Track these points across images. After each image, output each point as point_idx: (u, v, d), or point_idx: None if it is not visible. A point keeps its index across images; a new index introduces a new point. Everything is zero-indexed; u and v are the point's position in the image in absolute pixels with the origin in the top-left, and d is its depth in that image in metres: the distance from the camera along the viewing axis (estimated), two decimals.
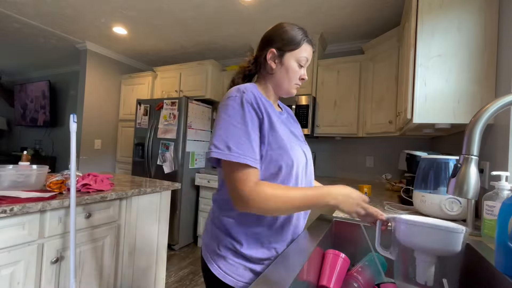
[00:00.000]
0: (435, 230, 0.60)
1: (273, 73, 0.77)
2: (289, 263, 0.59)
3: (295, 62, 0.76)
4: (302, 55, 0.76)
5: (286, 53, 0.75)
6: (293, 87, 0.79)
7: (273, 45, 0.76)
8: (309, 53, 0.77)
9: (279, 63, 0.76)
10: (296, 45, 0.75)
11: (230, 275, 0.68)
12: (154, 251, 1.67)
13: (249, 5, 2.18)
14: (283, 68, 0.76)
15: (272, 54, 0.76)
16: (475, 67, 1.17)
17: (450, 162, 1.08)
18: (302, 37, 0.75)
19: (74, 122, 1.15)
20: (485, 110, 0.57)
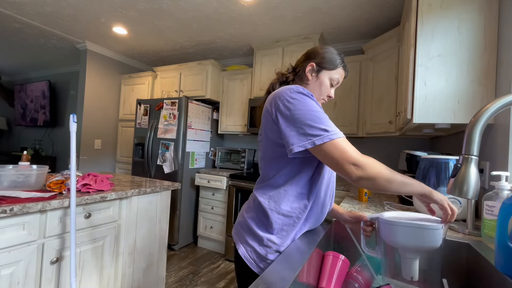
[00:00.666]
0: (414, 229, 0.61)
1: (308, 83, 0.86)
2: (288, 264, 0.59)
3: (328, 80, 0.86)
4: (335, 76, 0.86)
5: (323, 70, 0.85)
6: (320, 101, 0.87)
7: (314, 60, 0.86)
8: (341, 76, 0.87)
9: (315, 77, 0.86)
10: (333, 66, 0.85)
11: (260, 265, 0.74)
12: (154, 251, 1.67)
13: (249, 5, 2.18)
14: (317, 82, 0.86)
15: (311, 67, 0.85)
16: (475, 67, 1.17)
17: (450, 162, 1.08)
18: (340, 62, 0.86)
19: (74, 122, 1.15)
20: (485, 110, 0.57)
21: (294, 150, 0.66)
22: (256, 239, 0.77)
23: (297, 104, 0.69)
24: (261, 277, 0.52)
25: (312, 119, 0.66)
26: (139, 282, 1.57)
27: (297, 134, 0.67)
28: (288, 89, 0.73)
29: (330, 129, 0.65)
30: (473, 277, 0.74)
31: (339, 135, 0.65)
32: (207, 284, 2.11)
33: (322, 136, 0.64)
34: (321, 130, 0.65)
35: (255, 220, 0.79)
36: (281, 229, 0.76)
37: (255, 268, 0.75)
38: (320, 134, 0.64)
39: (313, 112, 0.67)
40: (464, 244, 0.80)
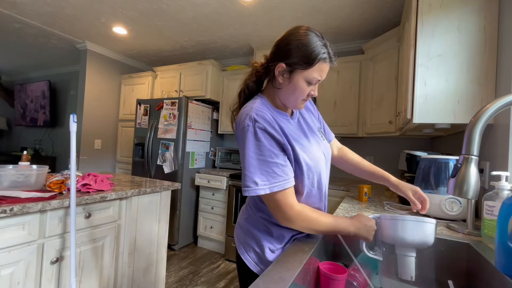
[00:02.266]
0: (412, 223, 0.67)
1: (280, 87, 0.73)
2: (288, 264, 0.59)
3: (304, 81, 0.70)
4: (313, 76, 0.69)
5: (295, 70, 0.69)
6: (300, 103, 0.75)
7: (284, 60, 0.69)
8: (323, 72, 0.70)
9: (287, 79, 0.71)
10: (309, 65, 0.67)
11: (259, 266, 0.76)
12: (154, 251, 1.67)
13: (249, 5, 2.18)
14: (290, 85, 0.71)
15: (280, 69, 0.70)
16: (475, 67, 1.17)
17: (450, 162, 1.08)
18: (318, 55, 0.67)
19: (74, 122, 1.15)
20: (485, 110, 0.57)
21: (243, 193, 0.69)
22: (255, 240, 0.77)
23: (245, 146, 0.68)
24: (261, 277, 0.52)
25: (248, 167, 0.67)
26: (139, 282, 1.57)
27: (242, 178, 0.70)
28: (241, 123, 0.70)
29: (260, 183, 0.66)
30: (473, 277, 0.74)
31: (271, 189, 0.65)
32: (207, 284, 2.11)
33: (250, 188, 0.66)
34: (252, 182, 0.66)
35: (254, 222, 0.79)
36: (278, 230, 0.76)
37: (255, 268, 0.75)
38: (250, 186, 0.66)
39: (252, 158, 0.67)
40: (464, 244, 0.80)
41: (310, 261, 0.64)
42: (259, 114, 0.68)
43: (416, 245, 0.67)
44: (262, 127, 0.67)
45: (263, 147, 0.67)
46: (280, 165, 0.67)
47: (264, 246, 0.75)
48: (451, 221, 1.04)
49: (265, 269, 0.73)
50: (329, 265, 0.70)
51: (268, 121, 0.68)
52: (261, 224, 0.78)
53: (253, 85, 0.79)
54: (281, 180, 0.67)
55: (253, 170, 0.66)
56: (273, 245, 0.75)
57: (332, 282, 0.65)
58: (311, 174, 0.75)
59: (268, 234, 0.77)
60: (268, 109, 0.73)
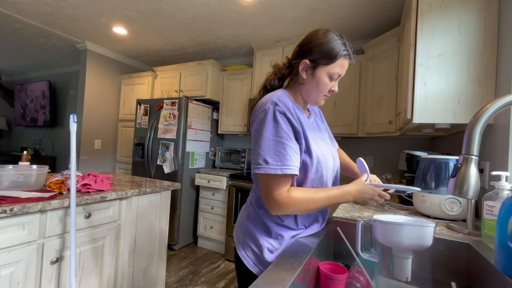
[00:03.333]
0: (409, 227, 0.65)
1: (304, 83, 0.78)
2: (287, 265, 0.59)
3: (327, 76, 0.75)
4: (335, 70, 0.74)
5: (319, 66, 0.74)
6: (322, 98, 0.80)
7: (308, 56, 0.75)
8: (344, 68, 0.76)
9: (310, 75, 0.76)
10: (331, 60, 0.73)
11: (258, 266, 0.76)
12: (154, 251, 1.67)
13: (249, 5, 2.18)
14: (313, 80, 0.76)
15: (304, 65, 0.76)
16: (475, 67, 1.17)
17: (450, 162, 1.08)
18: (339, 51, 0.73)
19: (74, 122, 1.15)
20: (485, 110, 0.57)
21: (251, 172, 0.71)
22: (254, 240, 0.77)
23: (263, 126, 0.70)
24: (261, 277, 0.52)
25: (262, 148, 0.68)
26: (139, 282, 1.57)
27: (253, 157, 0.71)
28: (262, 106, 0.73)
29: (274, 162, 0.67)
30: (473, 277, 0.74)
31: (277, 171, 0.66)
32: (207, 284, 2.11)
33: (260, 167, 0.67)
34: (263, 161, 0.67)
35: (254, 220, 0.79)
36: (277, 230, 0.76)
37: (254, 269, 0.75)
38: (261, 164, 0.68)
39: (268, 139, 0.68)
40: (464, 244, 0.80)
41: (310, 261, 0.64)
42: (280, 100, 0.72)
43: (413, 248, 0.66)
44: (282, 111, 0.70)
45: (280, 129, 0.69)
46: (294, 151, 0.70)
47: (263, 246, 0.75)
48: (451, 221, 1.04)
49: (263, 269, 0.73)
50: (329, 265, 0.70)
51: (288, 108, 0.72)
52: (261, 223, 0.78)
53: (275, 82, 0.83)
54: (292, 164, 0.68)
55: (267, 150, 0.68)
56: (271, 246, 0.75)
57: (332, 282, 0.65)
58: (319, 168, 0.76)
59: (267, 234, 0.77)
60: (289, 100, 0.76)
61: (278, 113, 0.69)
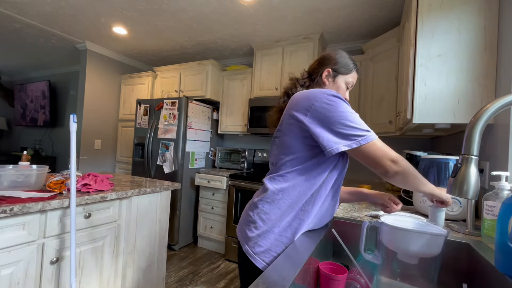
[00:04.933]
0: (419, 234, 0.62)
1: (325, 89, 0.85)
2: (289, 263, 0.59)
3: (344, 84, 0.89)
4: (350, 80, 0.90)
5: (339, 74, 0.88)
6: None
7: (330, 66, 0.88)
8: (355, 79, 0.91)
9: (331, 81, 0.89)
10: (348, 70, 0.89)
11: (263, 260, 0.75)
12: (154, 251, 1.67)
13: (249, 5, 2.18)
14: (334, 86, 0.89)
15: (327, 73, 0.88)
16: (475, 67, 1.17)
17: (450, 162, 1.08)
18: (354, 66, 0.90)
19: (74, 122, 1.15)
20: (485, 110, 0.57)
21: (339, 149, 0.69)
22: (263, 237, 0.77)
23: (337, 106, 0.71)
24: (260, 277, 0.52)
25: (353, 121, 0.70)
26: (139, 282, 1.57)
27: (338, 135, 0.70)
28: (323, 92, 0.74)
29: (371, 131, 0.70)
30: (473, 277, 0.74)
31: (374, 135, 0.70)
32: (207, 284, 2.11)
33: (366, 136, 0.69)
34: (364, 131, 0.69)
35: (262, 219, 0.79)
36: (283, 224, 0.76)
37: (260, 264, 0.75)
38: (364, 134, 0.69)
39: (353, 114, 0.71)
40: (464, 244, 0.80)
41: (310, 261, 0.64)
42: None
43: (421, 255, 0.62)
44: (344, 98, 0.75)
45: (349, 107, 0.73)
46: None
47: (274, 242, 0.75)
48: (451, 221, 1.04)
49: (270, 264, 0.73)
50: (329, 265, 0.70)
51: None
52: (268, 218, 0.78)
53: (297, 89, 0.90)
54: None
55: (359, 122, 0.70)
56: (282, 242, 0.75)
57: (332, 282, 0.65)
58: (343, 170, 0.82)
59: (272, 229, 0.76)
60: None
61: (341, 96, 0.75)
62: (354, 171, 2.73)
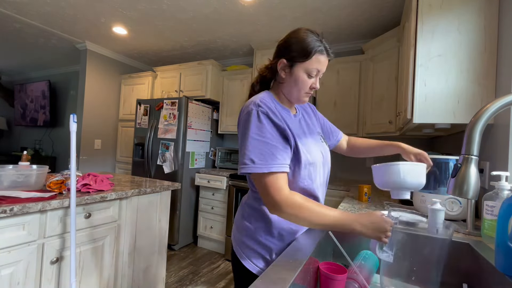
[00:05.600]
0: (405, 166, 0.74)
1: (283, 82, 0.80)
2: (288, 265, 0.59)
3: (305, 73, 0.76)
4: (312, 67, 0.75)
5: (295, 63, 0.76)
6: (303, 95, 0.80)
7: (284, 56, 0.77)
8: (321, 63, 0.76)
9: (288, 73, 0.78)
10: (306, 57, 0.74)
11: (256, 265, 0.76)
12: (154, 251, 1.67)
13: (249, 5, 2.18)
14: (292, 79, 0.77)
15: (282, 64, 0.78)
16: (475, 67, 1.17)
17: (450, 162, 1.08)
18: (314, 48, 0.73)
19: (74, 122, 1.15)
20: (485, 110, 0.57)
21: (238, 172, 0.70)
22: (254, 239, 0.77)
23: (245, 127, 0.71)
24: (260, 277, 0.52)
25: (247, 146, 0.69)
26: (139, 282, 1.57)
27: (240, 157, 0.71)
28: (246, 108, 0.74)
29: (257, 161, 0.67)
30: (473, 277, 0.74)
31: (264, 169, 0.66)
32: (207, 284, 2.11)
33: (247, 166, 0.67)
34: (249, 160, 0.67)
35: (252, 221, 0.79)
36: (280, 229, 0.76)
37: (254, 269, 0.75)
38: (247, 164, 0.68)
39: (252, 138, 0.69)
40: (464, 244, 0.80)
41: (310, 261, 0.64)
42: (263, 101, 0.74)
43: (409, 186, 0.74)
44: (264, 111, 0.71)
45: (264, 129, 0.70)
46: (279, 149, 0.70)
47: (264, 245, 0.75)
48: (451, 221, 1.04)
49: (264, 269, 0.73)
50: (329, 265, 0.70)
51: (270, 108, 0.73)
52: (262, 221, 0.78)
53: (258, 85, 0.85)
54: (278, 162, 0.68)
55: (252, 149, 0.68)
56: (273, 244, 0.75)
57: (332, 282, 0.65)
58: (308, 166, 0.77)
59: (269, 233, 0.76)
60: (272, 101, 0.78)
61: (262, 114, 0.71)
62: (354, 172, 2.73)
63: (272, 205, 0.67)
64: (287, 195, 0.67)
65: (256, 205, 0.79)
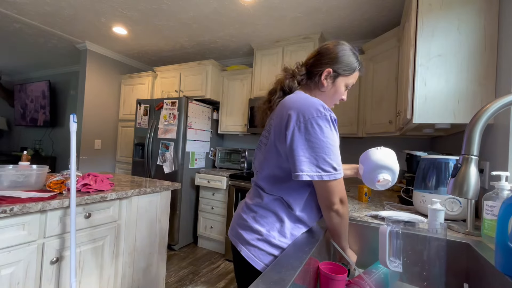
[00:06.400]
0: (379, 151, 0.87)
1: (323, 91, 0.82)
2: (288, 264, 0.59)
3: (344, 86, 0.82)
4: (351, 81, 0.82)
5: (340, 76, 0.80)
6: (332, 105, 0.85)
7: (331, 66, 0.80)
8: (356, 79, 0.84)
9: (331, 83, 0.81)
10: (351, 71, 0.80)
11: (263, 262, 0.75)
12: (154, 251, 1.67)
13: (249, 5, 2.18)
14: (333, 89, 0.82)
15: (327, 74, 0.80)
16: (475, 67, 1.17)
17: (450, 162, 1.08)
18: (357, 65, 0.81)
19: (74, 122, 1.15)
20: (485, 110, 0.57)
21: (301, 177, 0.68)
22: (263, 241, 0.76)
23: (321, 132, 0.68)
24: (260, 277, 0.52)
25: (327, 153, 0.68)
26: (139, 282, 1.57)
27: (308, 162, 0.68)
28: (316, 110, 0.69)
29: (339, 168, 0.69)
30: (473, 277, 0.74)
31: (342, 174, 0.70)
32: (207, 284, 2.11)
33: (330, 173, 0.68)
34: (332, 168, 0.68)
35: (260, 223, 0.78)
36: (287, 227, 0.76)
37: (259, 266, 0.74)
38: (330, 171, 0.68)
39: (331, 146, 0.69)
40: (464, 244, 0.80)
41: (310, 261, 0.64)
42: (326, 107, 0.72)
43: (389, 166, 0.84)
44: (335, 118, 0.71)
45: (335, 136, 0.71)
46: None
47: (269, 241, 0.75)
48: (451, 221, 1.04)
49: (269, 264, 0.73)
50: (329, 265, 0.70)
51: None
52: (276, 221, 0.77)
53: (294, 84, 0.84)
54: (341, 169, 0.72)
55: (333, 157, 0.69)
56: (278, 240, 0.75)
57: (332, 282, 0.65)
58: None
59: (272, 229, 0.76)
60: None
61: (334, 120, 0.71)
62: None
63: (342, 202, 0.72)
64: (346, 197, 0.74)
65: (271, 207, 0.77)
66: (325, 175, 0.68)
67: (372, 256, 0.94)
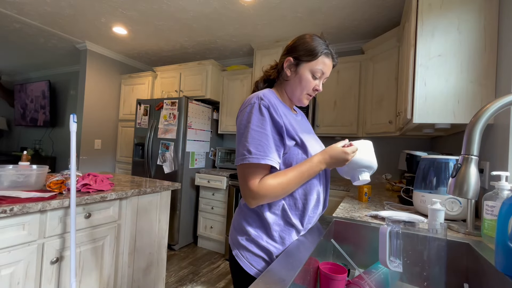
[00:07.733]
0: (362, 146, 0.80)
1: (288, 80, 0.82)
2: (288, 264, 0.59)
3: (310, 73, 0.79)
4: (317, 67, 0.78)
5: (302, 63, 0.79)
6: (305, 97, 0.82)
7: (291, 54, 0.80)
8: (326, 66, 0.79)
9: (294, 72, 0.80)
10: (312, 57, 0.77)
11: (256, 267, 0.74)
12: (154, 251, 1.67)
13: (249, 5, 2.18)
14: (297, 77, 0.80)
15: (288, 62, 0.80)
16: (475, 67, 1.17)
17: (450, 162, 1.08)
18: (321, 50, 0.78)
19: (74, 122, 1.15)
20: (485, 110, 0.57)
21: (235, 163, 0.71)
22: (253, 242, 0.76)
23: (246, 119, 0.72)
24: (260, 277, 0.52)
25: (248, 139, 0.69)
26: (139, 282, 1.57)
27: (237, 151, 0.72)
28: (247, 101, 0.75)
29: (255, 152, 0.68)
30: (473, 277, 0.74)
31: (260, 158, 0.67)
32: (207, 284, 2.11)
33: (244, 157, 0.69)
34: (247, 151, 0.68)
35: (249, 222, 0.78)
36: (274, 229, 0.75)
37: (252, 271, 0.74)
38: (244, 155, 0.69)
39: (253, 131, 0.69)
40: (464, 244, 0.80)
41: (310, 261, 0.64)
42: (265, 96, 0.75)
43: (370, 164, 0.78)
44: (266, 105, 0.72)
45: (264, 121, 0.71)
46: (275, 144, 0.72)
47: (263, 247, 0.75)
48: (451, 221, 1.04)
49: (262, 271, 0.73)
50: (329, 265, 0.70)
51: (272, 104, 0.74)
52: (260, 223, 0.77)
53: (262, 83, 0.87)
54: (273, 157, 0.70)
55: (251, 140, 0.69)
56: (273, 247, 0.75)
57: (332, 282, 0.65)
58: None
59: (266, 234, 0.76)
60: (274, 97, 0.78)
61: (263, 107, 0.72)
62: None
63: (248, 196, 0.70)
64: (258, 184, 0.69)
65: (255, 208, 0.78)
66: (240, 158, 0.70)
67: (372, 256, 0.94)
